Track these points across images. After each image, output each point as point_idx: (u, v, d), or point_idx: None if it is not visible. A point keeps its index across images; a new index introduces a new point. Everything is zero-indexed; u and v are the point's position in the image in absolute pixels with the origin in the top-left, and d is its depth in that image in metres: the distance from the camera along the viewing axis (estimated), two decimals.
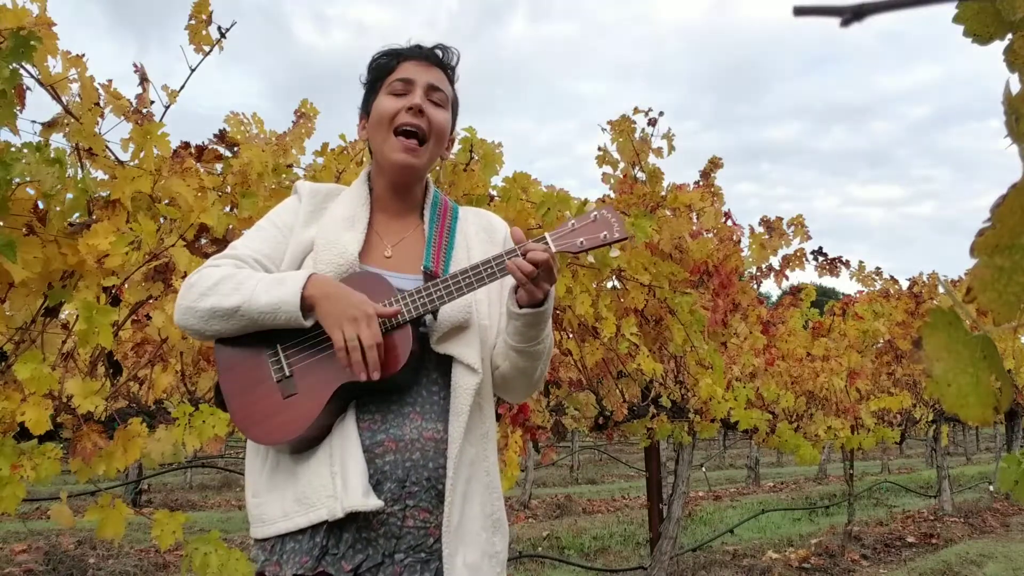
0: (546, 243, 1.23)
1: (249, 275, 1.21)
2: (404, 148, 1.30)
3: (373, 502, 1.12)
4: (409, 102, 1.31)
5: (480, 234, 1.40)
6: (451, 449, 1.20)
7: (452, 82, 1.41)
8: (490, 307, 1.34)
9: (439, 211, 1.39)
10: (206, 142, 2.10)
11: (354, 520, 1.15)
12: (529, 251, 1.19)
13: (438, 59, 1.37)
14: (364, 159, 2.37)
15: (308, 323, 1.18)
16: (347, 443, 1.16)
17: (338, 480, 1.14)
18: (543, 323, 1.27)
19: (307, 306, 1.18)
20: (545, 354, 1.32)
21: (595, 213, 1.27)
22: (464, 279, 1.20)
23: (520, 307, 1.24)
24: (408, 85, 1.33)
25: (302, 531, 1.16)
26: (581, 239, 1.25)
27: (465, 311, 1.25)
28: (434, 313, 1.24)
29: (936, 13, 0.52)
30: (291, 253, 1.30)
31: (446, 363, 1.25)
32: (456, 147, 2.37)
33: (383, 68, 1.36)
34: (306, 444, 1.19)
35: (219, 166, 2.09)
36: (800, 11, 0.39)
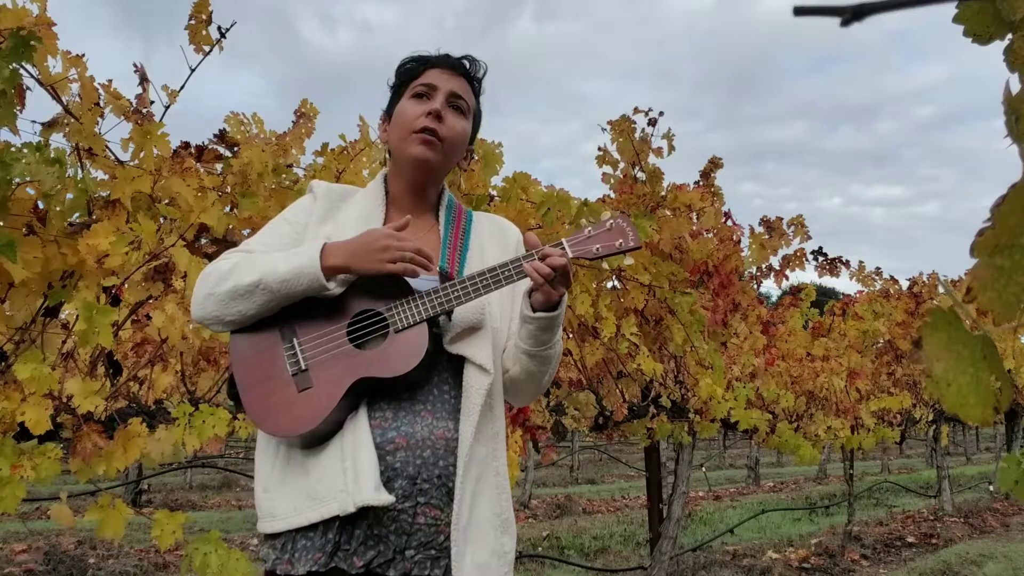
0: (563, 248, 1.26)
1: (264, 255, 1.25)
2: (422, 141, 1.32)
3: (384, 497, 1.13)
4: (429, 107, 1.33)
5: (494, 238, 1.43)
6: (461, 448, 1.21)
7: (476, 94, 1.42)
8: (501, 310, 1.36)
9: (454, 214, 1.41)
10: (206, 142, 2.10)
11: (366, 516, 1.16)
12: (548, 255, 1.23)
13: (464, 69, 1.39)
14: (365, 159, 2.37)
15: (331, 286, 1.21)
16: (359, 439, 1.17)
17: (349, 475, 1.15)
18: (555, 327, 1.29)
19: (328, 271, 1.21)
20: (555, 358, 1.34)
21: (610, 221, 1.30)
22: (481, 281, 1.23)
23: (534, 311, 1.26)
24: (431, 90, 1.35)
25: (314, 527, 1.17)
26: (597, 246, 1.28)
27: (479, 313, 1.27)
28: (448, 314, 1.26)
29: (942, 12, 0.52)
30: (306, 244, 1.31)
31: (458, 363, 1.27)
32: None
33: (409, 73, 1.38)
34: (318, 439, 1.20)
35: (219, 166, 2.09)
36: (800, 11, 0.39)
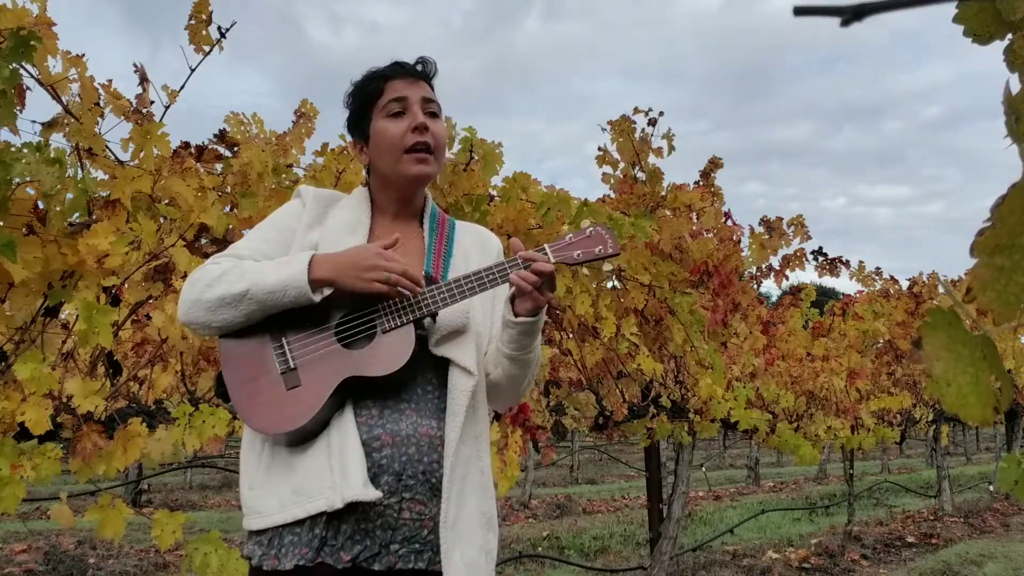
0: (546, 254, 1.30)
1: (252, 264, 1.27)
2: (418, 160, 1.35)
3: (372, 493, 1.15)
4: (413, 121, 1.35)
5: (476, 246, 1.46)
6: (447, 448, 1.24)
7: (434, 90, 1.46)
8: (483, 314, 1.39)
9: (437, 222, 1.44)
10: (206, 142, 2.10)
11: (353, 512, 1.17)
12: (533, 259, 1.27)
13: (421, 72, 1.41)
14: None
15: (317, 298, 1.23)
16: (346, 436, 1.19)
17: (337, 472, 1.17)
18: (537, 332, 1.33)
19: (316, 284, 1.23)
20: (535, 363, 1.38)
21: (590, 229, 1.35)
22: (466, 284, 1.26)
23: (517, 316, 1.29)
24: (403, 103, 1.36)
25: (300, 523, 1.18)
26: (577, 252, 1.34)
27: (463, 316, 1.30)
28: (433, 316, 1.28)
29: (947, 12, 0.52)
30: (294, 255, 1.32)
31: (442, 365, 1.30)
32: (456, 147, 2.37)
33: (372, 92, 1.39)
34: (304, 437, 1.22)
35: (219, 166, 2.09)
36: (800, 11, 0.39)
